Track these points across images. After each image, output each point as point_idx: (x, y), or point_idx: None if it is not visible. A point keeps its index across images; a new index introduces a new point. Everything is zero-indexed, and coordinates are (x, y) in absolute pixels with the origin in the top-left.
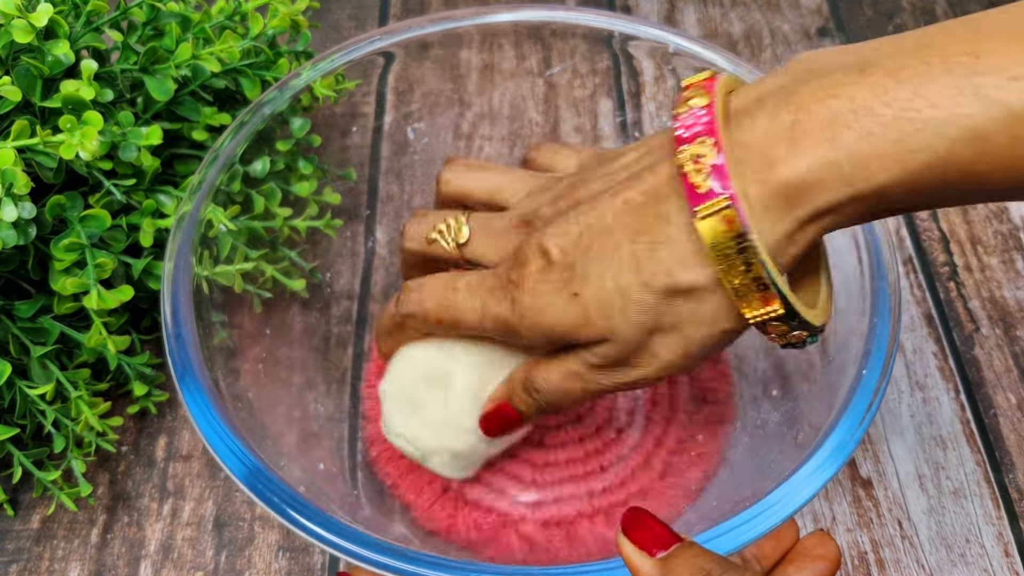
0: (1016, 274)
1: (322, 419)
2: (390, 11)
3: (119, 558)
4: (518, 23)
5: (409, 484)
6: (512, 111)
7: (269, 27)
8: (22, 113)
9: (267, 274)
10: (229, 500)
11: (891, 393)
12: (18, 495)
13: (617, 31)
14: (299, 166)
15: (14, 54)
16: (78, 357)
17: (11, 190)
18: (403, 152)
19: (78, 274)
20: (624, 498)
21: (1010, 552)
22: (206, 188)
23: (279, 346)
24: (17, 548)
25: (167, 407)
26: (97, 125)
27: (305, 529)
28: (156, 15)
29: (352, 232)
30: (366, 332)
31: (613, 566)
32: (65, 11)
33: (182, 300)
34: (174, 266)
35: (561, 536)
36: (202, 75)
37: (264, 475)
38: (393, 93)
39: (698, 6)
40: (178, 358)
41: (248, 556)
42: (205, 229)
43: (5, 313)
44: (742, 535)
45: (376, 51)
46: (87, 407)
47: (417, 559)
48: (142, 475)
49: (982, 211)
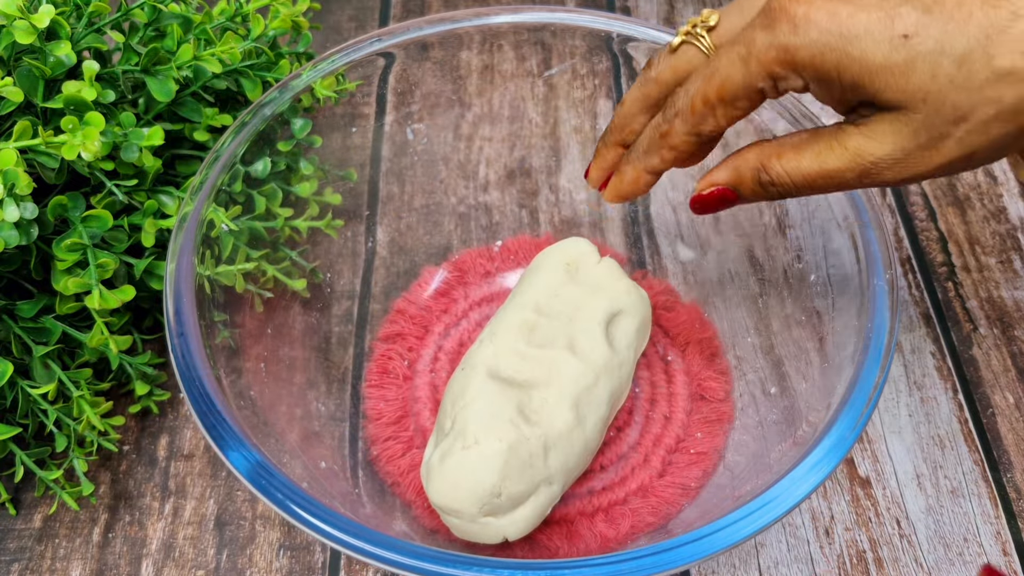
0: (1014, 274)
1: (323, 418)
2: (390, 12)
3: (121, 557)
4: (518, 24)
5: (410, 483)
6: (512, 112)
7: (270, 28)
8: (24, 114)
9: (268, 274)
10: (230, 499)
11: (889, 393)
12: (20, 494)
13: (616, 32)
14: (300, 166)
15: (16, 55)
16: (80, 357)
17: (13, 190)
18: (403, 153)
19: (80, 274)
20: (623, 496)
21: (1008, 551)
22: (207, 188)
23: (280, 345)
24: (19, 547)
25: (168, 406)
26: (99, 126)
27: (309, 524)
28: (158, 16)
29: (353, 232)
30: (366, 332)
31: (611, 560)
32: (67, 12)
33: (185, 299)
34: (176, 266)
35: (561, 534)
36: (203, 76)
37: (268, 471)
38: (393, 94)
39: (697, 7)
40: (181, 355)
41: (249, 555)
42: (207, 229)
43: (7, 313)
44: (741, 531)
45: (376, 52)
46: (89, 406)
47: (420, 554)
48: (144, 474)
49: (980, 212)
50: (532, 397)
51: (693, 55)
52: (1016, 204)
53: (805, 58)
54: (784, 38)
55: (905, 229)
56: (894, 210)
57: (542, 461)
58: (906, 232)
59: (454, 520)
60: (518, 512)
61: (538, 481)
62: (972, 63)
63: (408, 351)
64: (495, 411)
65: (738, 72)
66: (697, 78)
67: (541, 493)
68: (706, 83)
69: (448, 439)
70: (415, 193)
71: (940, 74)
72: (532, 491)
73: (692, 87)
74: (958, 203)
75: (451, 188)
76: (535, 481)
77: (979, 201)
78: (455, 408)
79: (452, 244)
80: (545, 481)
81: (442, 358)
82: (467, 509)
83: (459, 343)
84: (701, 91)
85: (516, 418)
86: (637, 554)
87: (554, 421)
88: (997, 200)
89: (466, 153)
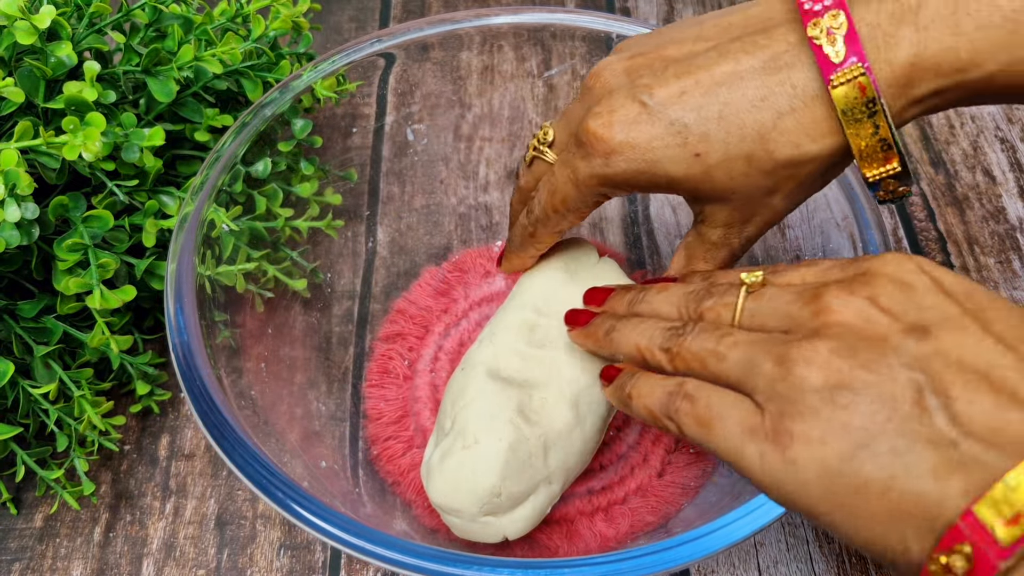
0: (1013, 274)
1: (324, 418)
2: (391, 13)
3: (121, 556)
4: (518, 25)
5: (410, 483)
6: (512, 112)
7: (271, 29)
8: (25, 114)
9: (269, 274)
10: (231, 499)
11: None
12: (21, 494)
13: (616, 33)
14: (300, 167)
15: (17, 55)
16: (81, 357)
17: (14, 191)
18: (404, 153)
19: (81, 274)
20: (623, 496)
21: None
22: (208, 189)
23: (281, 345)
24: (20, 546)
25: (169, 406)
26: (100, 126)
27: (310, 523)
28: (158, 17)
29: (353, 232)
30: (367, 332)
31: (610, 560)
32: (68, 13)
33: (186, 299)
34: (178, 266)
35: (561, 534)
36: (204, 76)
37: (268, 470)
38: (394, 94)
39: (697, 8)
40: (182, 355)
41: (250, 554)
42: (208, 229)
43: (8, 313)
44: (740, 530)
45: (377, 52)
46: (90, 406)
47: (420, 553)
48: (144, 474)
49: (979, 212)
50: (532, 397)
51: (543, 168)
52: (1015, 204)
53: (622, 181)
54: (600, 169)
55: (904, 229)
56: (893, 210)
57: (542, 461)
58: (905, 232)
59: (454, 519)
60: (518, 511)
61: (538, 481)
62: (757, 160)
63: (408, 351)
64: (495, 411)
65: (572, 191)
66: (543, 191)
67: (541, 492)
68: (550, 197)
69: (448, 439)
70: (415, 193)
71: (736, 175)
72: (532, 490)
73: (542, 198)
74: (957, 203)
75: (451, 188)
76: (535, 481)
77: (978, 201)
78: (455, 408)
79: (452, 244)
80: (545, 481)
81: (442, 358)
82: (467, 508)
83: (459, 343)
84: (549, 203)
85: (516, 418)
86: (636, 553)
87: (554, 421)
88: (996, 200)
89: (466, 153)
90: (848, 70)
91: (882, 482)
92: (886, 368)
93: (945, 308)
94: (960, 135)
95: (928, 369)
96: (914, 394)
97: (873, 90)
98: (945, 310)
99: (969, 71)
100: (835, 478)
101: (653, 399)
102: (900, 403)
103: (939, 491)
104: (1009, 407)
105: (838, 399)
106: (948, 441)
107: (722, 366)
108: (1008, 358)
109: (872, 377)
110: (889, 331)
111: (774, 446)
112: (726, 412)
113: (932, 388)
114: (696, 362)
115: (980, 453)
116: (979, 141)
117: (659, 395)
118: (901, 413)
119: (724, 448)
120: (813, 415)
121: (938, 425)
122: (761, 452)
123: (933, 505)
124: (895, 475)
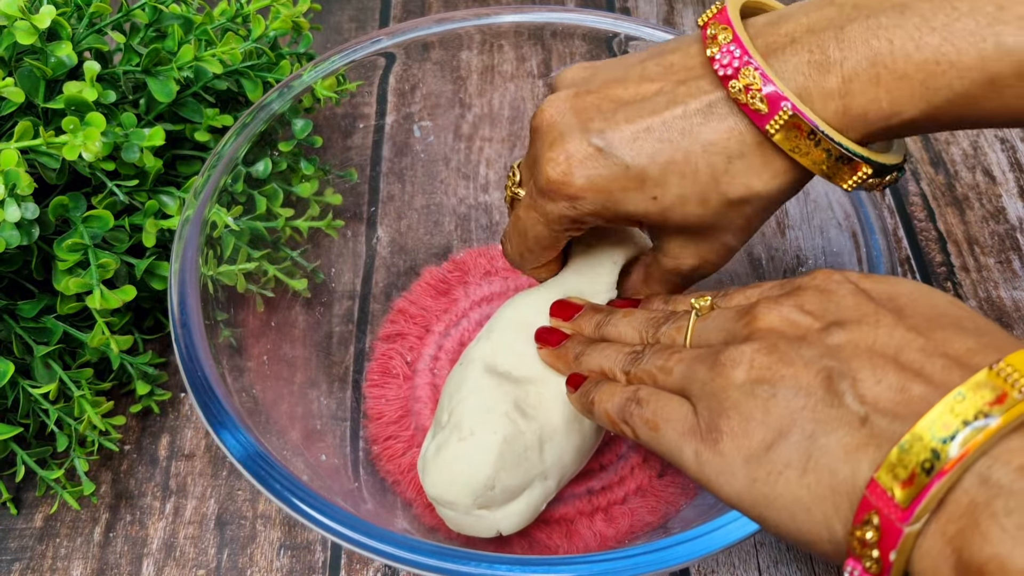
0: (1013, 274)
1: (324, 416)
2: (391, 12)
3: (122, 556)
4: (518, 24)
5: (410, 481)
6: (512, 112)
7: (271, 29)
8: (25, 114)
9: (269, 274)
10: (231, 498)
11: None
12: (21, 494)
13: (616, 32)
14: (301, 167)
15: (17, 55)
16: (81, 357)
17: (14, 191)
18: (404, 153)
19: (81, 274)
20: (623, 496)
21: None
22: (210, 189)
23: (282, 344)
24: (20, 546)
25: (169, 406)
26: (100, 126)
27: (308, 516)
28: (158, 17)
29: (353, 232)
30: (367, 331)
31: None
32: (68, 13)
33: (189, 297)
34: (180, 265)
35: (560, 533)
36: (204, 77)
37: (267, 461)
38: (394, 94)
39: (697, 8)
40: (185, 351)
41: (250, 554)
42: (210, 229)
43: (8, 313)
44: (739, 530)
45: (377, 52)
46: (90, 406)
47: (420, 548)
48: (144, 474)
49: (979, 212)
50: (529, 392)
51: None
52: (1015, 204)
53: (589, 218)
54: (567, 212)
55: (904, 229)
56: (893, 210)
57: (537, 455)
58: (905, 232)
59: (448, 512)
60: (512, 506)
61: (533, 475)
62: (711, 201)
63: (409, 351)
64: (491, 405)
65: (543, 230)
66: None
67: (536, 488)
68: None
69: (444, 432)
70: (416, 193)
71: (690, 214)
72: (526, 485)
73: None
74: (957, 203)
75: (451, 188)
76: (530, 475)
77: (978, 201)
78: (452, 402)
79: (452, 244)
80: (540, 476)
81: (443, 357)
82: (461, 501)
83: (459, 343)
84: (523, 244)
85: (512, 412)
86: (636, 552)
87: (550, 416)
88: (996, 200)
89: (466, 153)
90: (779, 117)
91: (800, 465)
92: (801, 360)
93: (864, 307)
94: (960, 135)
95: (839, 356)
96: (825, 380)
97: (808, 124)
98: (863, 308)
99: (891, 118)
100: (758, 468)
101: (612, 404)
102: (814, 390)
103: (851, 467)
104: (913, 381)
105: (758, 392)
106: (859, 419)
107: (669, 379)
108: (918, 342)
109: (789, 370)
110: (809, 330)
111: (706, 444)
112: (671, 415)
113: (841, 372)
114: (648, 378)
115: (886, 426)
116: (979, 141)
117: (617, 400)
118: (815, 399)
119: (667, 449)
120: (736, 410)
121: (848, 405)
122: (696, 451)
123: (847, 481)
124: (811, 457)
